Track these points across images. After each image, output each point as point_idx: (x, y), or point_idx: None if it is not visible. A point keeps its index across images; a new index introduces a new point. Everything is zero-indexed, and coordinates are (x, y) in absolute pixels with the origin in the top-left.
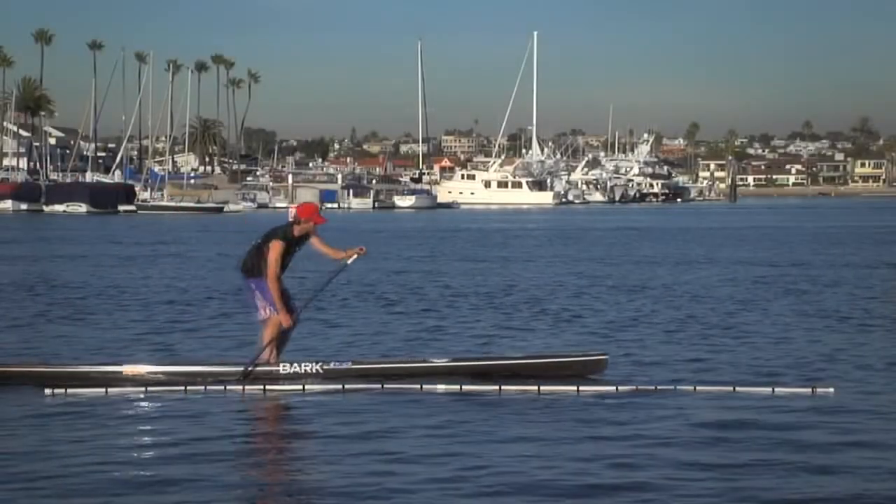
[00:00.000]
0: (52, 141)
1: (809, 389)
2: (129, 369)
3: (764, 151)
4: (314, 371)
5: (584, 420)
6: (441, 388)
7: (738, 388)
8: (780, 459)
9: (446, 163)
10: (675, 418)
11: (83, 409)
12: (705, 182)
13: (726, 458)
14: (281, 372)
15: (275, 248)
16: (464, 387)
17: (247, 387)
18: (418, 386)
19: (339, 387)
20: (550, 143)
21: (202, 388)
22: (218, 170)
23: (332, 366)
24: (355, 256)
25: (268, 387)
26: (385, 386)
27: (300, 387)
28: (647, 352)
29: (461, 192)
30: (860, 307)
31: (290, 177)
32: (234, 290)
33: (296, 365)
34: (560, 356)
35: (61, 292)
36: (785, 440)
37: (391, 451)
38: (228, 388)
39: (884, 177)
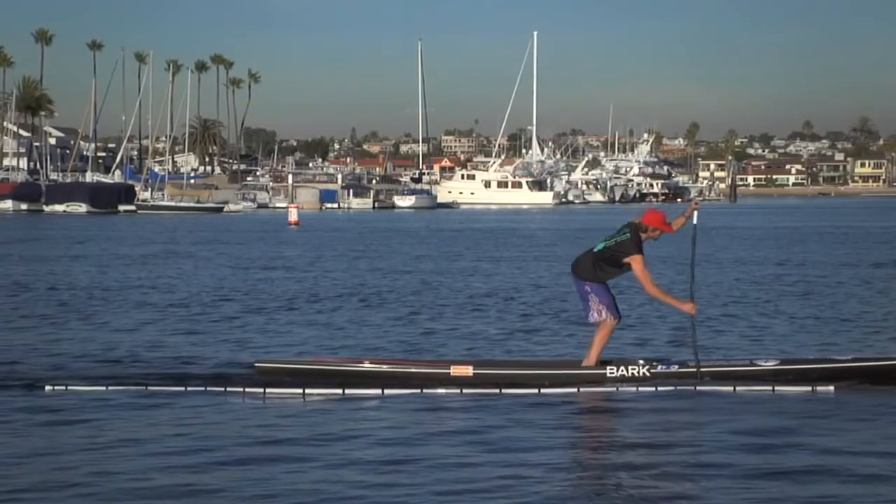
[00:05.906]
0: (52, 141)
1: (809, 388)
2: (456, 370)
3: (764, 151)
4: (641, 374)
5: None
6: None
7: (737, 389)
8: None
9: (446, 163)
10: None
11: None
12: (705, 182)
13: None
14: (608, 375)
15: (639, 263)
16: (737, 388)
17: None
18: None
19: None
20: (550, 143)
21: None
22: (218, 170)
23: (659, 369)
24: (696, 212)
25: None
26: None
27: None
28: None
29: (461, 192)
30: None
31: (290, 177)
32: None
33: (622, 368)
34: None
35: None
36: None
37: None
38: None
39: (884, 177)
